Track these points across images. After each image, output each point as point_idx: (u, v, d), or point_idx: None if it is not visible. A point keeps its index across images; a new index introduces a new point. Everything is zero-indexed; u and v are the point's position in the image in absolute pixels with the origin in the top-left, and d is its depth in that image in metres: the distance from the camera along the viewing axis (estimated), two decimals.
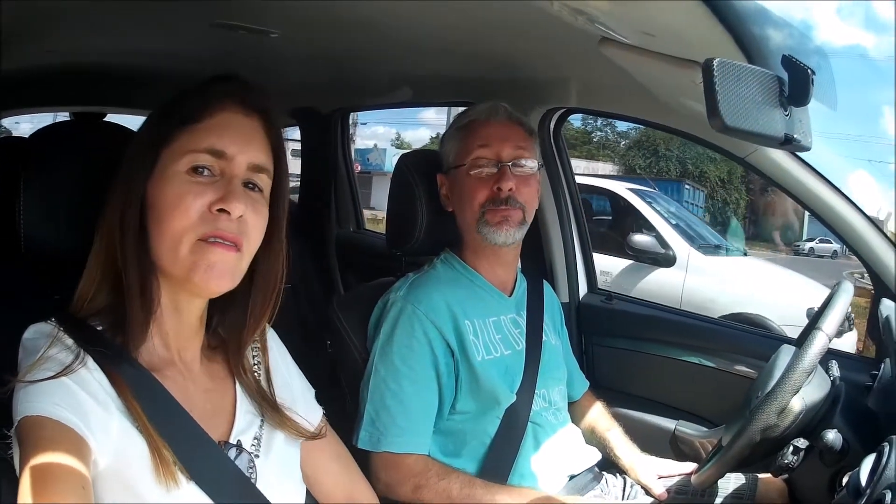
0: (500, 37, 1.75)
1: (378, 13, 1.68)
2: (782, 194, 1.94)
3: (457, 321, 1.71)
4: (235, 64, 2.37)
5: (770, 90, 1.04)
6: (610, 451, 1.95)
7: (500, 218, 1.73)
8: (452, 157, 1.82)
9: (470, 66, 2.13)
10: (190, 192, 1.03)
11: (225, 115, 1.08)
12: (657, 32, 1.30)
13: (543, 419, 1.80)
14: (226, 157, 1.06)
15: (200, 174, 1.05)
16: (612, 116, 2.33)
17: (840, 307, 1.43)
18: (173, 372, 1.09)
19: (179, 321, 1.11)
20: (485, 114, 1.81)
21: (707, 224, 9.99)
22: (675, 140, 21.90)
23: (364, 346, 1.77)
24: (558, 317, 2.07)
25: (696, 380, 2.21)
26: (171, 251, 1.03)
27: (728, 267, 6.88)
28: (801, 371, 1.33)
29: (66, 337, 0.99)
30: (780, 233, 21.44)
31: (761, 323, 5.63)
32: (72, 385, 0.93)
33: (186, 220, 1.02)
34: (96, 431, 0.92)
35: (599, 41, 1.46)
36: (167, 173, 1.04)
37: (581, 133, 30.37)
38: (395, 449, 1.62)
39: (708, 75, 0.96)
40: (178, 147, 1.05)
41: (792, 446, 1.36)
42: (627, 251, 6.60)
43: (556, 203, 2.40)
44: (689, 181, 23.93)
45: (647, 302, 2.66)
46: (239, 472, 1.08)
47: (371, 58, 2.20)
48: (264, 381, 1.22)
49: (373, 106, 3.38)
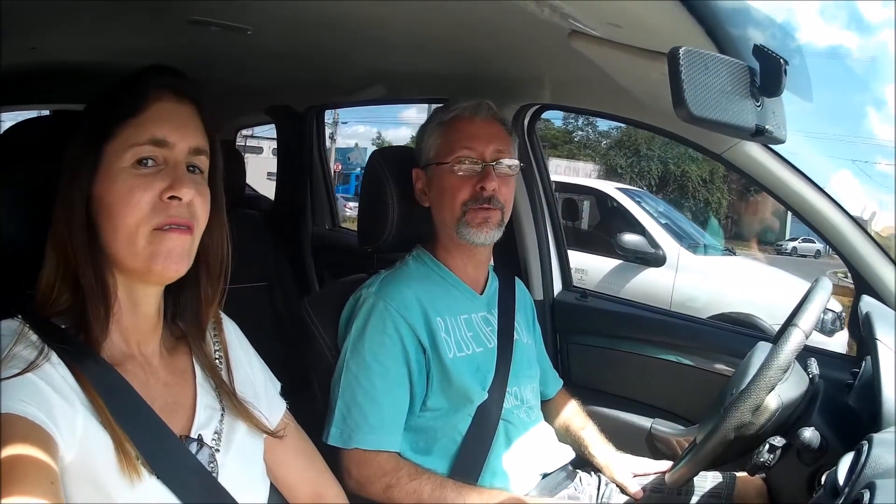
0: (471, 32, 1.74)
1: (349, 10, 1.67)
2: (765, 194, 1.92)
3: (428, 318, 1.70)
4: (211, 61, 2.37)
5: (740, 80, 1.02)
6: (585, 449, 1.94)
7: (481, 219, 1.72)
8: (433, 153, 1.79)
9: (442, 63, 2.12)
10: (139, 186, 1.04)
11: (161, 105, 1.09)
12: (624, 23, 1.28)
13: (515, 417, 1.79)
14: (167, 146, 1.07)
15: (145, 165, 1.06)
16: (587, 113, 2.32)
17: (817, 304, 1.40)
18: (134, 366, 1.09)
19: (137, 314, 1.11)
20: (469, 111, 1.78)
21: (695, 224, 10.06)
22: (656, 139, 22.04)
23: (335, 343, 1.76)
24: (531, 315, 2.06)
25: (672, 378, 2.19)
26: (128, 245, 1.04)
27: (718, 266, 6.90)
28: (776, 368, 1.31)
29: (31, 333, 0.99)
30: (763, 232, 21.64)
31: (752, 323, 5.73)
32: (38, 381, 0.93)
33: (139, 212, 1.03)
34: (62, 427, 0.92)
35: (569, 34, 1.44)
36: (113, 169, 1.05)
37: (562, 132, 30.56)
38: (366, 446, 1.61)
39: (673, 64, 0.94)
40: (120, 142, 1.06)
41: (768, 444, 1.34)
42: (617, 251, 6.65)
43: (531, 200, 2.39)
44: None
45: (622, 299, 2.65)
46: (200, 466, 1.08)
47: (343, 55, 2.19)
48: (225, 375, 1.22)
49: (347, 103, 3.36)
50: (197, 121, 1.13)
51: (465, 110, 1.78)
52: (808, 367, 1.54)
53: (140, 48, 2.09)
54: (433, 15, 1.63)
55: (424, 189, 1.82)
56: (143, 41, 2.08)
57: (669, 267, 6.47)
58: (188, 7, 1.72)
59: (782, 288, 6.20)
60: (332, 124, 24.08)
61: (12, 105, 3.27)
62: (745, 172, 1.88)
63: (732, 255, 8.22)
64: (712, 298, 6.17)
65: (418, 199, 1.83)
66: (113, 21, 1.85)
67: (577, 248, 6.80)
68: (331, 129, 24.20)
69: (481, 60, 2.00)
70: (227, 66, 2.51)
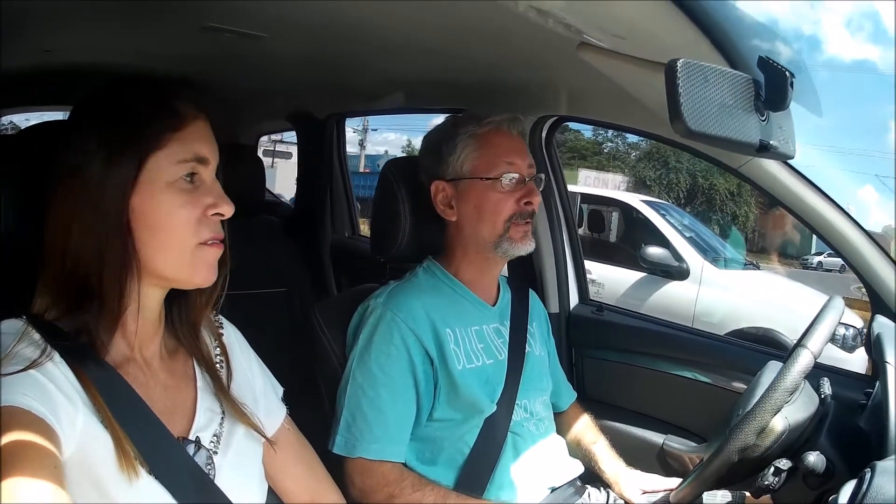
0: (483, 41, 1.72)
1: (364, 17, 1.67)
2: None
3: (437, 329, 1.68)
4: (228, 66, 2.38)
5: (743, 94, 0.99)
6: (595, 463, 1.92)
7: (523, 233, 1.72)
8: (469, 167, 1.74)
9: (459, 72, 2.11)
10: (188, 202, 1.07)
11: (196, 122, 1.10)
12: (627, 34, 1.26)
13: (524, 430, 1.77)
14: (206, 163, 1.10)
15: (191, 182, 1.08)
16: (603, 125, 2.31)
17: (827, 324, 1.37)
18: (134, 369, 1.10)
19: (141, 319, 1.12)
20: (507, 124, 1.76)
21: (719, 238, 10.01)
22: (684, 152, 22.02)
23: (343, 351, 1.75)
24: (545, 326, 2.03)
25: (687, 394, 2.17)
26: (174, 258, 1.07)
27: (742, 280, 6.84)
28: (782, 391, 1.28)
29: (34, 333, 0.99)
30: (788, 246, 21.38)
31: (772, 338, 5.67)
32: (40, 377, 0.94)
33: (188, 229, 1.07)
34: (63, 422, 0.93)
35: (577, 46, 1.43)
36: (158, 183, 1.05)
37: (592, 144, 30.52)
38: (370, 455, 1.59)
39: (671, 76, 0.91)
40: (165, 155, 1.06)
41: (773, 467, 1.32)
42: (641, 263, 6.62)
43: (547, 212, 2.37)
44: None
45: (638, 314, 2.61)
46: (197, 468, 1.09)
47: (360, 62, 2.19)
48: (226, 378, 1.23)
49: (367, 112, 3.37)
50: (211, 135, 1.14)
51: (502, 124, 1.75)
52: (821, 386, 1.51)
53: (156, 52, 2.12)
54: (442, 21, 1.62)
55: (451, 203, 1.76)
56: (160, 45, 2.08)
57: (693, 280, 6.43)
58: (201, 13, 1.73)
59: (804, 303, 6.08)
60: (362, 131, 24.27)
61: (30, 106, 3.31)
62: (762, 187, 1.85)
63: (756, 269, 8.17)
64: (734, 312, 6.12)
65: (441, 212, 1.78)
66: (126, 25, 1.86)
67: (603, 260, 6.84)
68: (360, 135, 24.37)
69: (496, 69, 1.99)
70: (245, 71, 2.52)
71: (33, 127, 1.24)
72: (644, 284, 6.59)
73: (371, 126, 24.68)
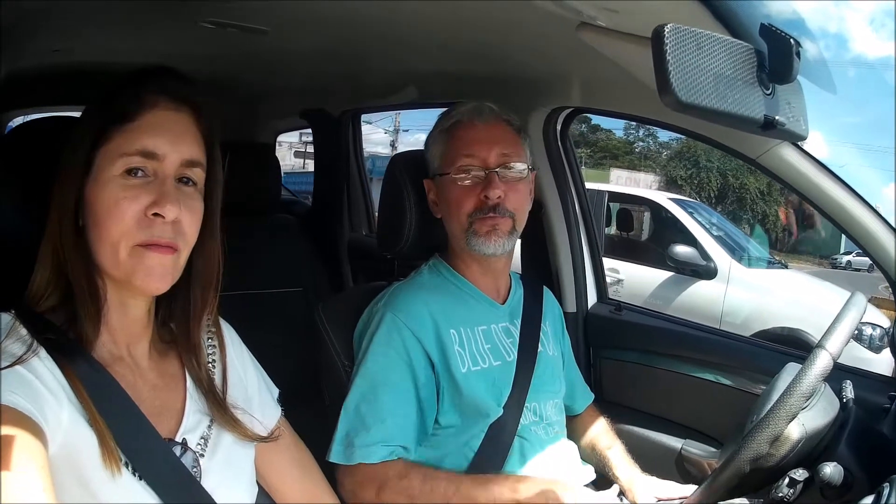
0: (490, 31, 1.70)
1: (366, 9, 1.65)
2: None
3: (439, 330, 1.63)
4: (236, 63, 2.36)
5: (743, 64, 0.90)
6: (609, 469, 1.85)
7: (489, 227, 1.65)
8: (438, 163, 1.73)
9: (469, 64, 2.08)
10: (125, 197, 1.04)
11: (156, 113, 1.08)
12: (620, 7, 1.18)
13: (532, 434, 1.71)
14: (157, 158, 1.06)
15: (134, 176, 1.05)
16: (617, 116, 2.22)
17: (847, 323, 1.29)
18: (122, 367, 1.09)
19: (126, 316, 1.11)
20: (468, 115, 1.71)
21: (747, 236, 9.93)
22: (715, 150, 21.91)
23: (346, 351, 1.72)
24: (559, 325, 1.97)
25: (708, 397, 2.09)
26: (111, 255, 1.04)
27: (769, 279, 6.78)
28: (798, 395, 1.20)
29: (20, 328, 0.99)
30: (817, 245, 21.15)
31: (799, 337, 5.62)
32: (26, 374, 0.94)
33: (123, 225, 1.03)
34: (49, 420, 0.93)
35: (577, 27, 1.37)
36: (103, 176, 1.05)
37: (623, 143, 30.48)
38: (368, 459, 1.54)
39: (658, 44, 0.82)
40: (113, 148, 1.05)
41: (788, 478, 1.24)
42: (668, 262, 6.59)
43: (563, 207, 2.31)
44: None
45: (658, 313, 2.54)
46: (183, 469, 1.08)
47: (368, 56, 2.18)
48: (218, 378, 1.22)
49: (381, 107, 3.35)
50: (194, 130, 1.12)
51: (464, 115, 1.71)
52: (843, 389, 1.42)
53: (163, 50, 2.11)
54: (446, 10, 1.60)
55: (436, 200, 1.76)
56: (166, 44, 2.08)
57: (721, 279, 6.38)
58: (198, 8, 1.72)
59: (832, 302, 5.91)
60: (394, 132, 24.29)
61: (38, 107, 3.32)
62: (782, 178, 1.76)
63: (784, 268, 8.06)
64: (761, 312, 6.09)
65: (432, 210, 1.77)
66: (129, 23, 1.86)
67: (630, 258, 6.90)
68: (392, 136, 24.41)
69: (508, 61, 1.96)
70: (256, 69, 2.53)
71: (27, 124, 1.26)
72: (672, 284, 6.55)
73: (402, 127, 24.67)
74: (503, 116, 1.72)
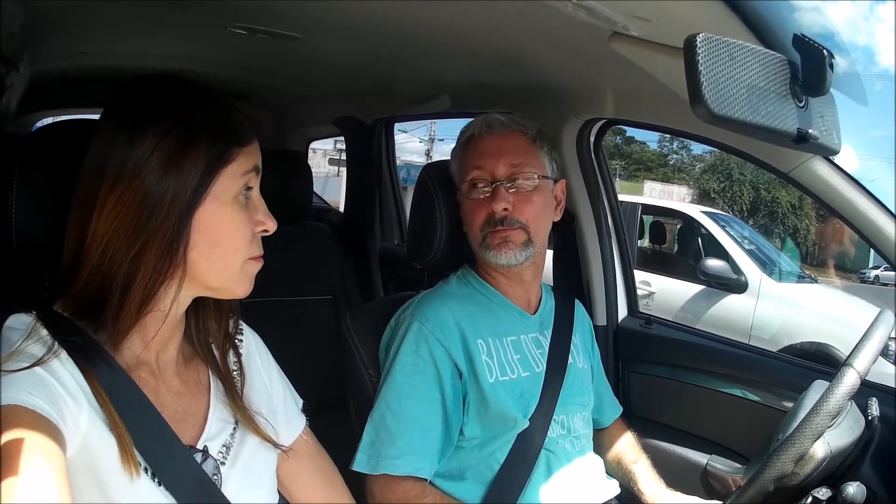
0: (523, 39, 1.70)
1: (398, 15, 1.65)
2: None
3: (466, 340, 1.62)
4: (267, 70, 2.38)
5: (776, 75, 0.89)
6: (634, 484, 1.84)
7: (500, 240, 1.64)
8: (457, 178, 1.75)
9: (501, 73, 2.07)
10: (246, 220, 1.08)
11: (256, 134, 1.12)
12: (651, 16, 1.17)
13: (559, 447, 1.69)
14: (259, 172, 1.11)
15: (246, 196, 1.09)
16: (650, 128, 2.20)
17: (875, 341, 1.27)
18: (146, 372, 1.09)
19: (164, 323, 1.10)
20: (480, 128, 1.72)
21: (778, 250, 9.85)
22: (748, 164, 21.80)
23: (372, 361, 1.71)
24: (589, 337, 1.96)
25: (736, 413, 2.07)
26: (226, 271, 1.08)
27: (799, 293, 6.72)
28: (824, 414, 1.19)
29: (41, 329, 0.99)
30: (847, 260, 20.88)
31: (827, 353, 5.60)
32: (46, 376, 0.94)
33: (243, 243, 1.08)
34: (67, 422, 0.93)
35: (610, 37, 1.36)
36: (225, 195, 1.06)
37: (657, 155, 30.34)
38: (393, 471, 1.54)
39: (690, 54, 0.81)
40: (236, 168, 1.06)
41: (811, 497, 1.22)
42: (699, 276, 6.59)
43: (595, 219, 2.28)
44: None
45: (688, 328, 2.50)
46: (204, 475, 1.08)
47: (401, 63, 2.18)
48: (241, 386, 1.22)
49: (414, 116, 3.33)
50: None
51: (476, 128, 1.72)
52: (868, 407, 1.40)
53: (192, 55, 2.12)
54: (477, 18, 1.60)
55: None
56: (195, 48, 2.10)
57: (751, 293, 6.35)
58: (232, 14, 1.73)
59: (860, 317, 5.94)
60: (429, 141, 24.28)
61: (64, 108, 3.37)
62: (814, 193, 1.73)
63: (814, 282, 8.02)
64: (790, 326, 6.06)
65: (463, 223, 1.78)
66: (159, 28, 1.88)
67: (662, 271, 6.89)
68: (427, 145, 24.41)
69: (541, 71, 1.96)
70: (284, 75, 2.54)
71: (50, 126, 1.25)
72: (702, 297, 6.54)
73: (438, 136, 24.65)
74: (516, 126, 1.72)
